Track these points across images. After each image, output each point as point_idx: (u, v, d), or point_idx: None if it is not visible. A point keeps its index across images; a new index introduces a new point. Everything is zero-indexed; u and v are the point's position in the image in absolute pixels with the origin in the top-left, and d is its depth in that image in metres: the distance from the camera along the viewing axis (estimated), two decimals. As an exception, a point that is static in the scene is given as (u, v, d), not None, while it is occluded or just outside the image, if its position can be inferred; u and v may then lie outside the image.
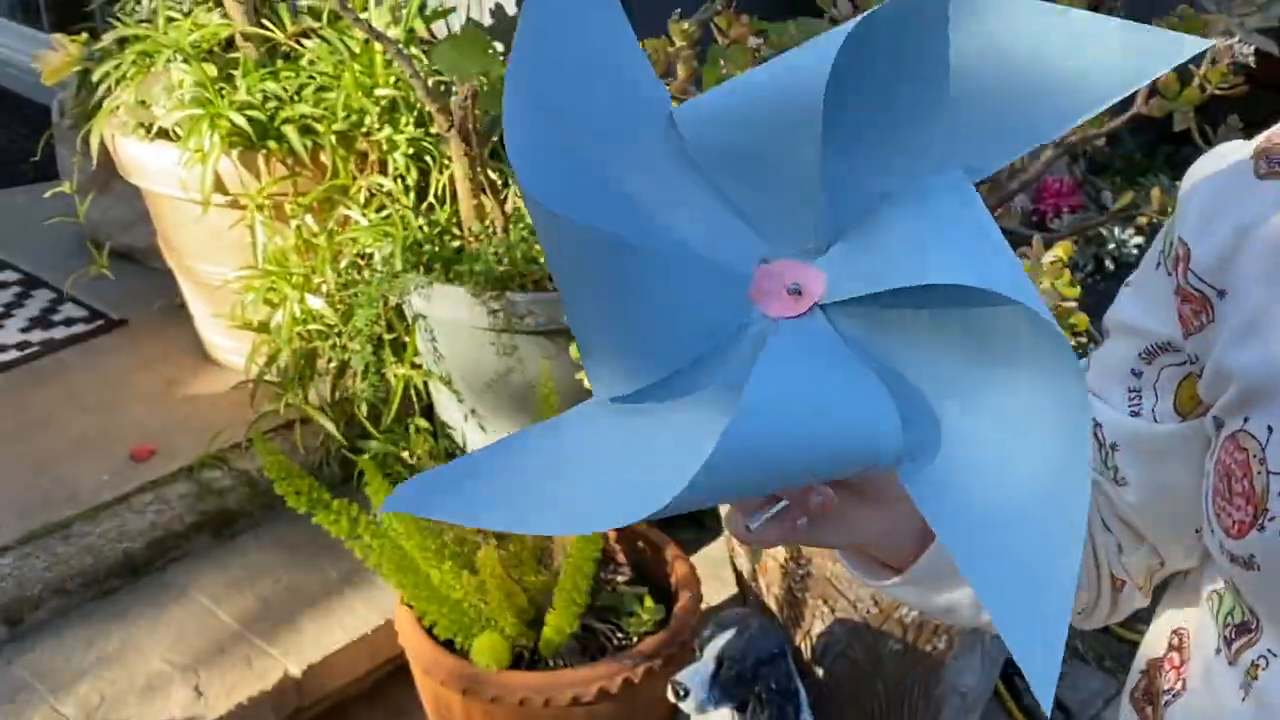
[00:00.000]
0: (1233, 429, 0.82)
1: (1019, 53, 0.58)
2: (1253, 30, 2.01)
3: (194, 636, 2.28)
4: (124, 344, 3.03)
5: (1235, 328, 0.81)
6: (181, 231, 2.76)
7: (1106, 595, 0.99)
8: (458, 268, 2.40)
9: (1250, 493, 0.79)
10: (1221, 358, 0.82)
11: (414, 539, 2.00)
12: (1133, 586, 0.99)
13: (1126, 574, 0.97)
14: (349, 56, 2.60)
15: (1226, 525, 0.82)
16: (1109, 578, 0.98)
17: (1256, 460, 0.79)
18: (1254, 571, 0.80)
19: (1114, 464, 0.93)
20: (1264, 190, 0.81)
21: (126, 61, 2.68)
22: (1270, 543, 0.78)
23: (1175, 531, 0.93)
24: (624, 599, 2.14)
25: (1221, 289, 0.82)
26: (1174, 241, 0.86)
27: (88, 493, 2.51)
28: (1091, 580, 0.97)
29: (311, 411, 2.56)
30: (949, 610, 0.92)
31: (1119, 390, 0.92)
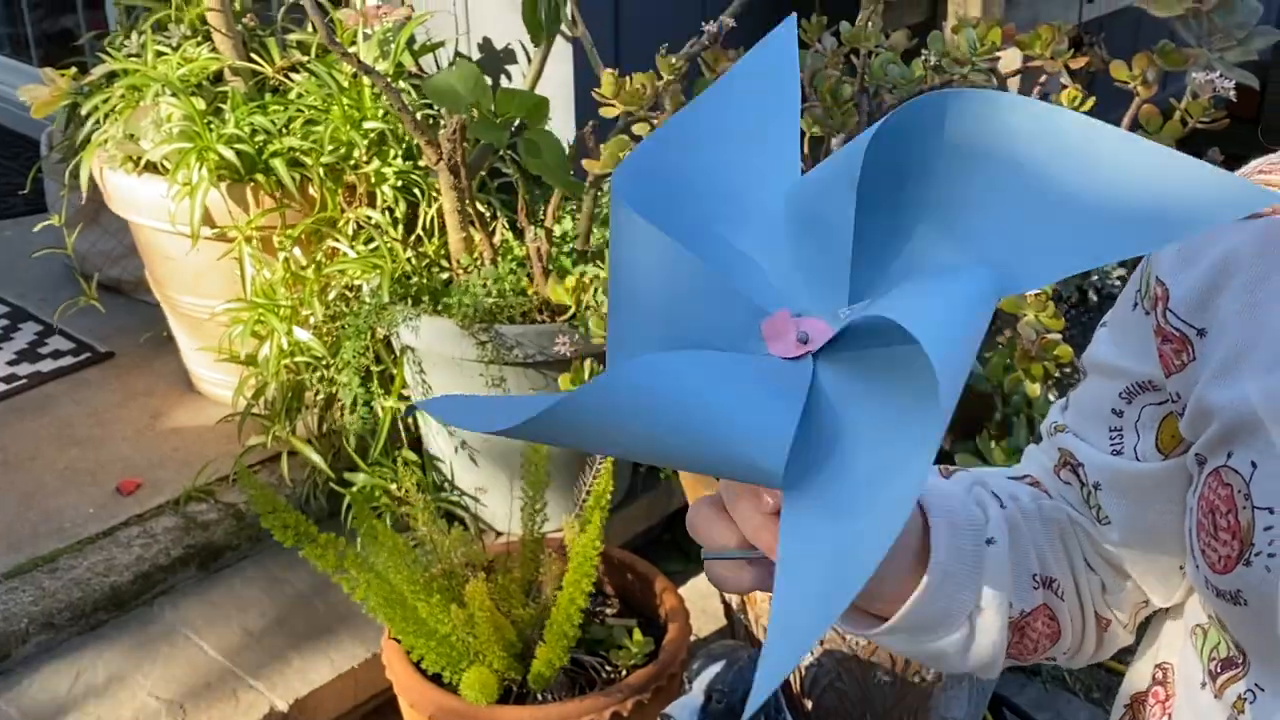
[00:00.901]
0: (1215, 465, 0.82)
1: (1096, 174, 0.58)
2: (1233, 65, 2.03)
3: (180, 671, 2.27)
4: (111, 377, 3.03)
5: (1216, 365, 0.82)
6: (169, 264, 2.76)
7: (1092, 634, 0.99)
8: (446, 300, 2.41)
9: (1236, 528, 0.79)
10: (1203, 395, 0.82)
11: (401, 573, 2.00)
12: (1118, 624, 0.99)
13: (1111, 613, 0.98)
14: (337, 90, 2.61)
15: (1212, 560, 0.82)
16: (1094, 617, 0.98)
17: (1241, 495, 0.79)
18: (1241, 606, 0.80)
19: (1096, 503, 0.93)
20: (1239, 228, 0.82)
21: (115, 95, 2.69)
22: (1257, 578, 0.78)
23: (1159, 569, 0.94)
24: (613, 632, 2.14)
25: (1201, 328, 0.83)
26: (1151, 281, 0.86)
27: (74, 526, 2.50)
28: (1077, 621, 0.97)
29: (299, 444, 2.56)
30: (937, 657, 0.92)
31: (1100, 430, 0.92)
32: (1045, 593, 0.94)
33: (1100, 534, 0.94)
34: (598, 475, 2.14)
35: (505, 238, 2.56)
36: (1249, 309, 0.80)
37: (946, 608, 0.88)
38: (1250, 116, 3.97)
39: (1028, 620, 0.93)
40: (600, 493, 2.12)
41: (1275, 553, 0.77)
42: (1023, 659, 0.97)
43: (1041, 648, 0.96)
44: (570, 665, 2.06)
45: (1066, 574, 0.96)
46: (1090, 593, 0.97)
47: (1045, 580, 0.94)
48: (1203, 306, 0.83)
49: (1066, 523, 0.96)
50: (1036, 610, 0.94)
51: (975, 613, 0.90)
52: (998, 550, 0.90)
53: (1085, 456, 0.93)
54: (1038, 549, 0.94)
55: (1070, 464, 0.95)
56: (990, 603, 0.90)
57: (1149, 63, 1.88)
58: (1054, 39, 1.91)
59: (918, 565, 0.85)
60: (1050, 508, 0.96)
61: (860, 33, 1.97)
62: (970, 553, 0.88)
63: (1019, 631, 0.93)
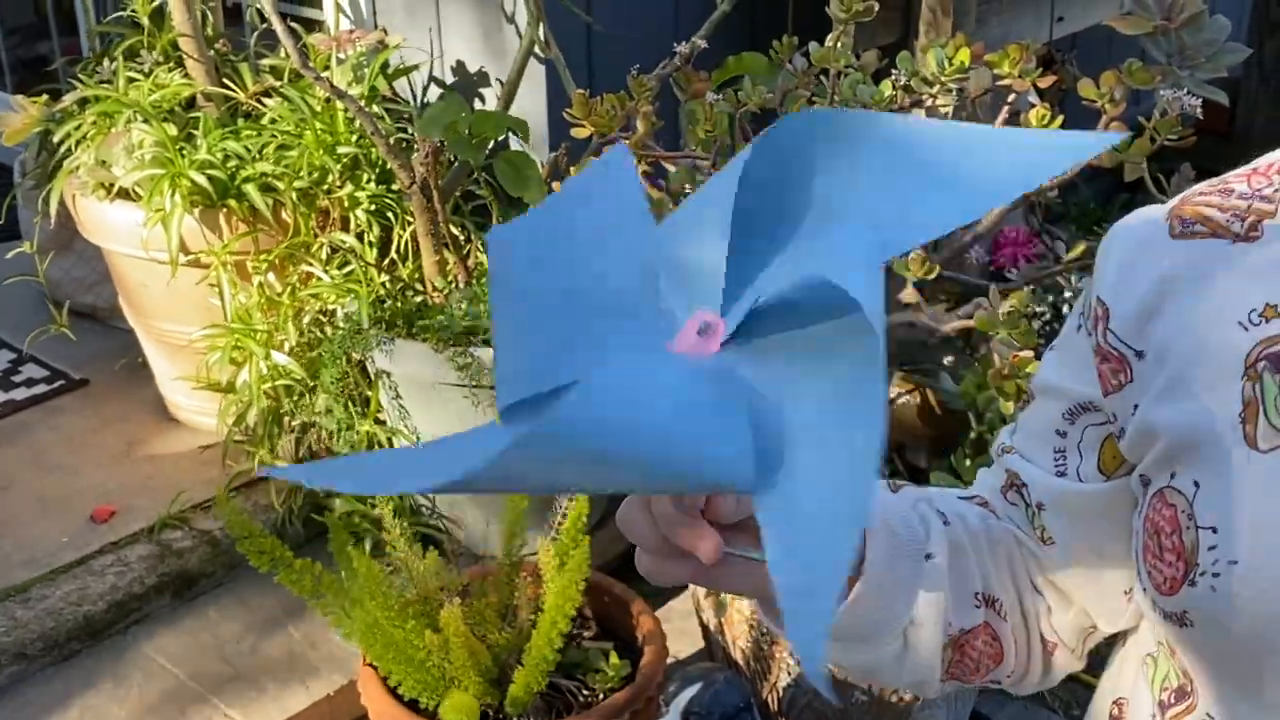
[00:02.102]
0: (1159, 486, 0.82)
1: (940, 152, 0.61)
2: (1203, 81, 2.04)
3: (155, 700, 2.25)
4: (85, 404, 3.01)
5: (1158, 386, 0.82)
6: (143, 291, 2.75)
7: (1038, 658, 0.98)
8: (421, 323, 2.40)
9: (1180, 548, 0.80)
10: (1146, 415, 0.83)
11: (378, 598, 1.99)
12: (1064, 649, 0.98)
13: (1057, 636, 0.97)
14: (310, 115, 2.61)
15: (1158, 582, 0.82)
16: (1039, 640, 0.97)
17: (1185, 515, 0.79)
18: (1188, 628, 0.80)
19: (1040, 524, 0.93)
20: (1178, 250, 0.83)
21: (87, 122, 2.68)
22: (1202, 598, 0.78)
23: (1103, 592, 0.93)
24: (589, 655, 2.12)
25: (1140, 349, 0.83)
26: (1093, 302, 0.87)
27: (47, 555, 2.48)
28: (1022, 643, 0.96)
29: (281, 465, 2.54)
30: (871, 670, 0.92)
31: (1045, 451, 0.92)
32: (988, 612, 0.94)
33: (1045, 555, 0.94)
34: (574, 499, 2.13)
35: (479, 260, 2.55)
36: (1189, 331, 0.81)
37: (879, 618, 0.87)
38: (1223, 132, 3.99)
39: (968, 639, 0.93)
40: (576, 515, 2.11)
41: (1220, 572, 0.77)
42: (965, 679, 0.97)
43: (984, 668, 0.96)
44: (547, 689, 2.05)
45: (1011, 595, 0.95)
46: (1036, 615, 0.96)
47: (988, 599, 0.94)
48: (1141, 327, 0.83)
49: (1013, 544, 0.96)
50: (977, 629, 0.93)
51: (910, 627, 0.89)
52: (936, 566, 0.89)
53: (1030, 477, 0.93)
54: (981, 568, 0.94)
55: (1016, 485, 0.95)
56: (926, 617, 0.89)
57: (1116, 80, 1.89)
58: (1022, 58, 1.92)
59: (852, 574, 0.84)
60: (998, 528, 0.96)
61: (830, 53, 1.98)
62: (908, 565, 0.88)
63: (959, 650, 0.93)
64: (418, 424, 2.48)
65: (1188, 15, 2.01)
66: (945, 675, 0.94)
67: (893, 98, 1.98)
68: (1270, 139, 0.89)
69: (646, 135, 2.06)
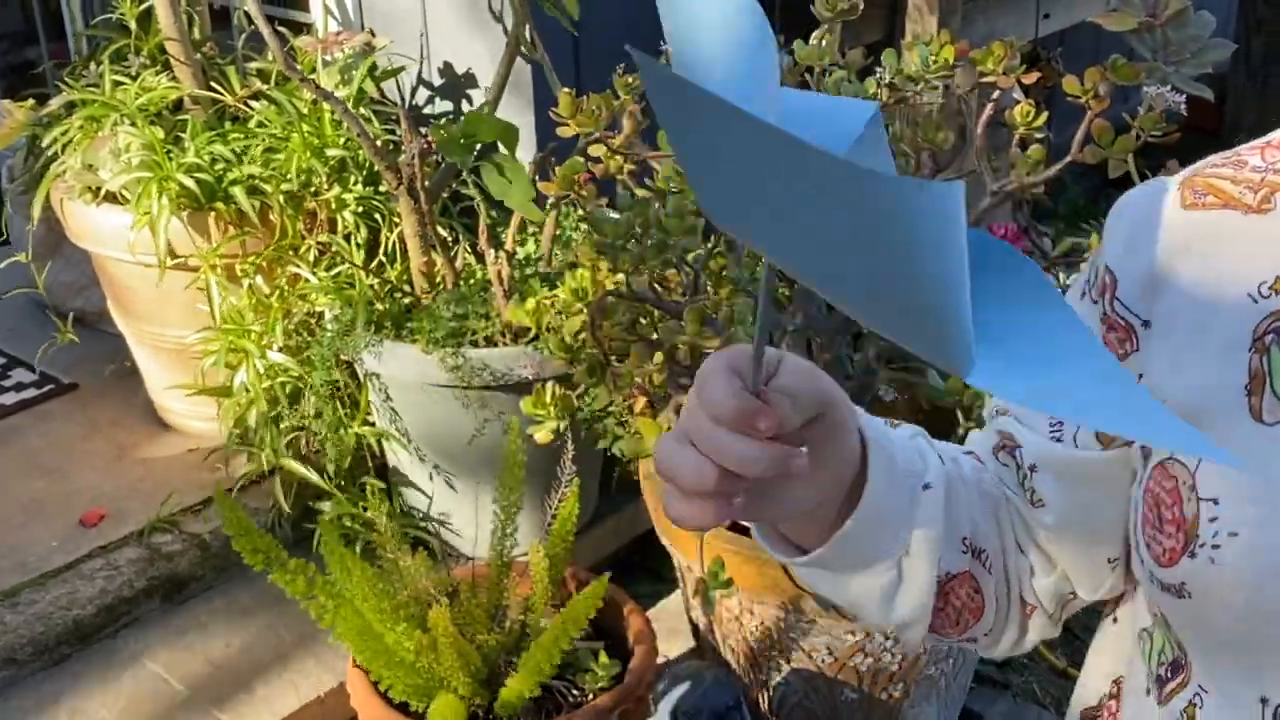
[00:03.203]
0: (1160, 458, 0.83)
1: None
2: (1188, 77, 2.04)
3: (145, 703, 2.25)
4: (75, 408, 3.01)
5: (1164, 356, 0.82)
6: (131, 294, 2.75)
7: (1016, 619, 0.98)
8: (409, 325, 2.40)
9: (1181, 520, 0.80)
10: (1150, 385, 0.83)
11: (370, 600, 1.98)
12: (1043, 614, 0.98)
13: (1037, 599, 0.97)
14: (298, 117, 2.61)
15: (1157, 554, 0.82)
16: (1019, 601, 0.98)
17: (1186, 487, 0.80)
18: (1184, 600, 0.80)
19: (1031, 485, 0.93)
20: (1189, 220, 0.83)
21: (74, 126, 2.68)
22: (1200, 569, 0.79)
23: (1089, 559, 0.94)
24: (579, 655, 2.12)
25: (1146, 319, 0.83)
26: (1100, 270, 0.87)
27: (37, 559, 2.48)
28: (1003, 600, 0.97)
29: (291, 464, 2.53)
30: (859, 602, 0.92)
31: (1041, 416, 0.92)
32: (973, 561, 0.94)
33: (1033, 517, 0.94)
34: (564, 499, 2.13)
35: (468, 261, 2.55)
36: (1196, 301, 0.81)
37: (875, 543, 0.87)
38: (1211, 129, 4.00)
39: (952, 586, 0.93)
40: (566, 515, 2.11)
41: (1220, 544, 0.78)
42: (944, 633, 0.97)
43: (964, 623, 0.96)
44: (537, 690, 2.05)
45: (997, 549, 0.95)
46: (1018, 574, 0.97)
47: (975, 549, 0.94)
48: (1149, 296, 0.83)
49: (1002, 500, 0.96)
50: (962, 576, 0.93)
51: (905, 558, 0.89)
52: (933, 497, 0.89)
53: (1024, 439, 0.93)
54: (971, 516, 0.93)
55: (1009, 446, 0.95)
56: (920, 549, 0.89)
57: (1101, 77, 1.89)
58: (1007, 55, 1.92)
59: (850, 500, 0.84)
60: (989, 482, 0.96)
61: (815, 51, 1.98)
62: (905, 492, 0.88)
63: (943, 597, 0.93)
64: (408, 425, 2.48)
65: (1172, 11, 2.01)
66: (928, 625, 0.95)
67: (876, 95, 1.98)
68: (1258, 135, 0.89)
69: (633, 134, 2.05)
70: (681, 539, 2.06)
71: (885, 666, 2.04)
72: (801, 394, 0.73)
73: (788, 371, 0.74)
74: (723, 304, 1.93)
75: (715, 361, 0.71)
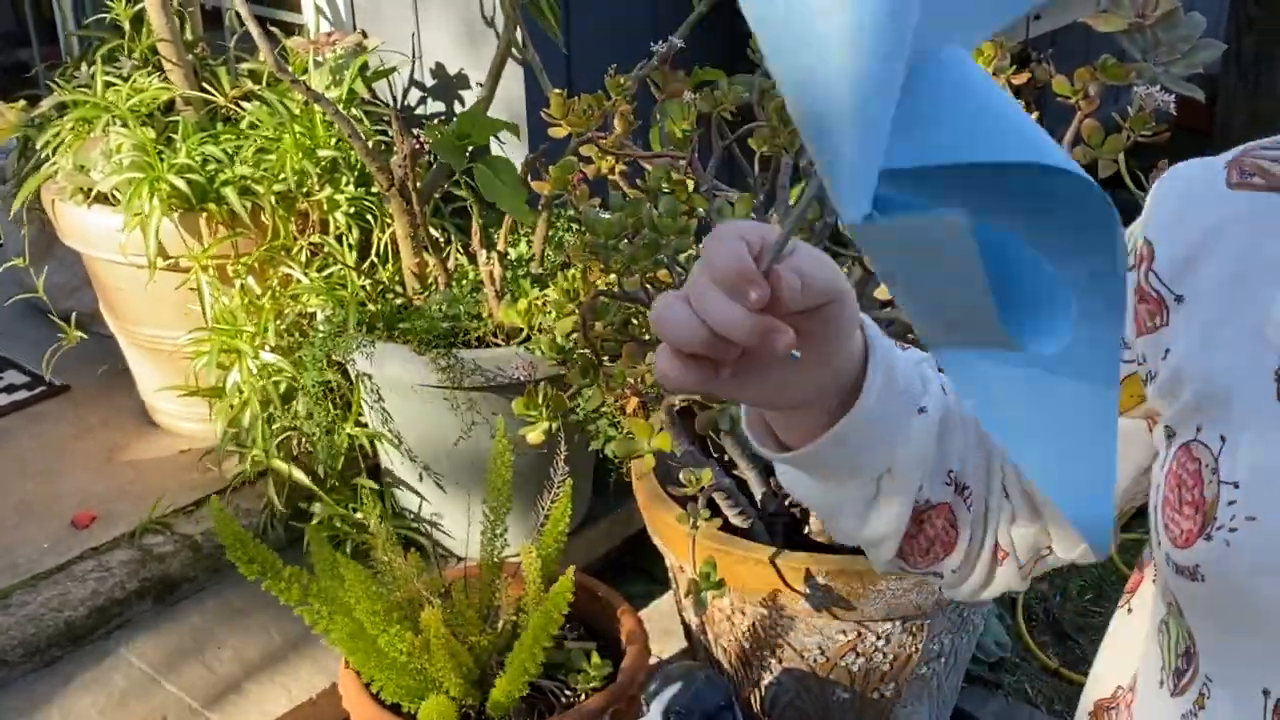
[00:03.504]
0: (1185, 439, 0.82)
1: None
2: (1178, 77, 2.05)
3: (136, 705, 2.25)
4: (67, 410, 3.00)
5: (1194, 334, 0.82)
6: (123, 296, 2.75)
7: (985, 562, 0.98)
8: (401, 325, 2.40)
9: (1200, 502, 0.80)
10: (1178, 362, 0.83)
11: (362, 602, 1.98)
12: (1013, 563, 0.98)
13: (1013, 546, 0.97)
14: (289, 118, 2.61)
15: (1174, 535, 0.82)
16: (993, 544, 0.97)
17: (1208, 470, 0.80)
18: (1198, 583, 0.80)
19: None
20: (1233, 199, 0.83)
21: (65, 127, 2.68)
22: (1216, 552, 0.78)
23: None
24: (571, 655, 2.12)
25: (1179, 294, 0.83)
26: (1139, 241, 0.86)
27: (28, 561, 2.48)
28: (976, 541, 0.96)
29: (285, 466, 2.53)
30: (834, 511, 0.91)
31: None
32: (955, 496, 0.93)
33: None
34: (556, 499, 2.13)
35: (460, 261, 2.55)
36: (1233, 281, 0.81)
37: (861, 452, 0.87)
38: (1203, 129, 4.00)
39: (929, 515, 0.92)
40: (558, 516, 2.11)
41: (1236, 527, 0.77)
42: (910, 561, 0.96)
43: (934, 555, 0.95)
44: (529, 691, 2.05)
45: (981, 489, 0.95)
46: (997, 517, 0.96)
47: (959, 484, 0.93)
48: (1185, 272, 0.83)
49: (996, 444, 0.95)
50: (941, 507, 0.93)
51: (886, 475, 0.89)
52: (927, 421, 0.89)
53: None
54: (961, 452, 0.93)
55: None
56: (904, 469, 0.88)
57: (1091, 77, 1.90)
58: (996, 55, 1.92)
59: (844, 408, 0.83)
60: None
61: (806, 52, 1.98)
62: (900, 410, 0.87)
63: (918, 524, 0.92)
64: (400, 426, 2.48)
65: (1163, 12, 2.02)
66: (897, 551, 0.94)
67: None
68: (1250, 135, 0.90)
69: (624, 135, 2.06)
70: (674, 540, 2.06)
71: (877, 666, 2.05)
72: (814, 279, 0.72)
73: (803, 255, 0.73)
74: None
75: (727, 227, 0.71)
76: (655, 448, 1.92)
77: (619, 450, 1.97)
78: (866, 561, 1.99)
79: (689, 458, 2.00)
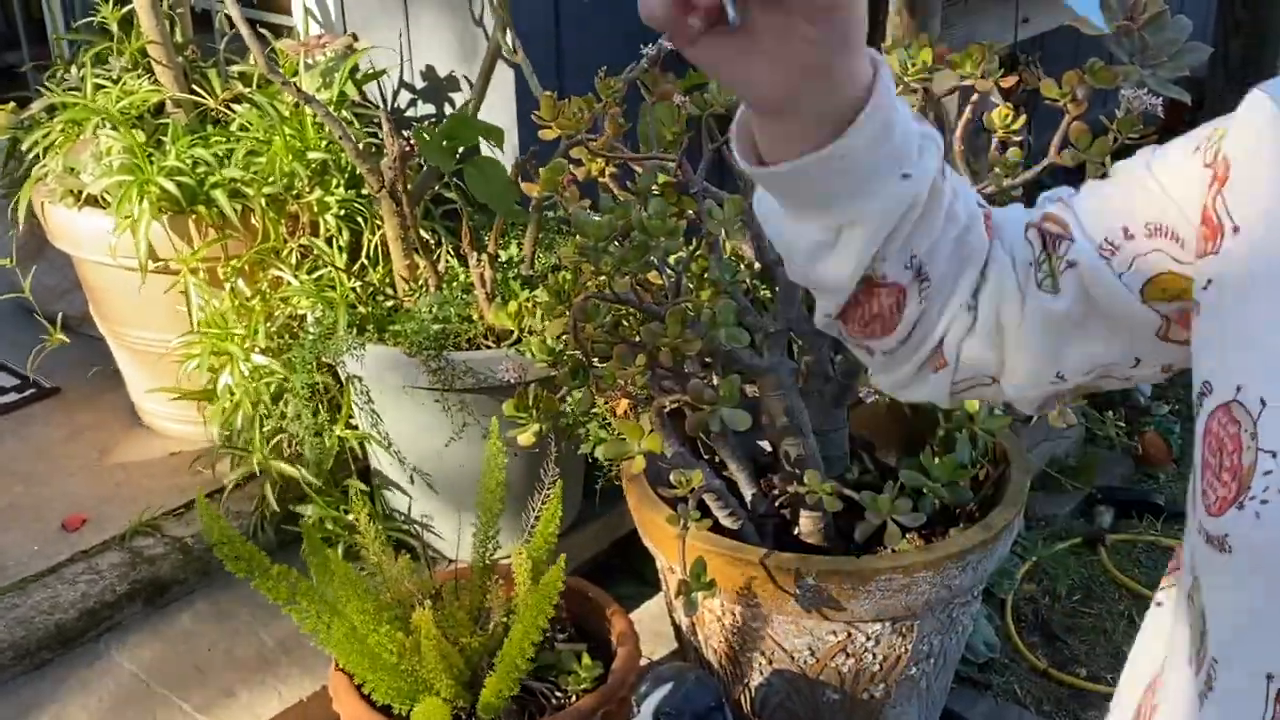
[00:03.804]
0: (1224, 399, 0.80)
1: None
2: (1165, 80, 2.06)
3: (127, 707, 2.24)
4: (57, 412, 3.00)
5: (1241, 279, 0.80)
6: (113, 298, 2.75)
7: (920, 360, 0.96)
8: (392, 328, 2.40)
9: (1238, 468, 0.78)
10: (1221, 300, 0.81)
11: (352, 603, 1.99)
12: (948, 375, 0.97)
13: (955, 359, 0.96)
14: (279, 120, 2.61)
15: (1209, 501, 0.79)
16: (934, 347, 0.95)
17: (1248, 435, 0.77)
18: (1224, 555, 0.78)
19: (1052, 271, 0.91)
20: None
21: (55, 129, 2.68)
22: (1245, 523, 0.76)
23: (1043, 361, 0.93)
24: (561, 657, 2.13)
25: (1237, 225, 0.81)
26: (1221, 151, 0.84)
27: (17, 564, 2.47)
28: (917, 335, 0.95)
29: (282, 466, 2.53)
30: (789, 249, 0.90)
31: (1100, 233, 0.90)
32: (912, 280, 0.91)
33: (1031, 298, 0.92)
34: (547, 501, 2.13)
35: (450, 264, 2.56)
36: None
37: (831, 186, 0.84)
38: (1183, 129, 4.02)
39: (879, 291, 0.91)
40: (548, 517, 2.11)
41: (1268, 500, 0.75)
42: (846, 326, 0.95)
43: (872, 329, 0.94)
44: (520, 691, 2.05)
45: (944, 286, 0.93)
46: (950, 323, 0.94)
47: (920, 271, 0.91)
48: (1249, 205, 0.81)
49: (978, 254, 0.93)
50: (893, 287, 0.91)
51: (847, 227, 0.87)
52: (907, 188, 0.86)
53: (1078, 235, 0.90)
54: (935, 239, 0.90)
55: (1053, 234, 0.92)
56: (866, 228, 0.86)
57: (1078, 80, 1.90)
58: (985, 58, 1.93)
59: (827, 138, 0.82)
60: (978, 234, 0.93)
61: (795, 55, 1.98)
62: (883, 165, 0.84)
63: (866, 294, 0.91)
64: (389, 428, 2.48)
65: (1150, 15, 2.03)
66: (838, 311, 0.93)
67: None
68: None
69: (614, 137, 2.06)
70: (664, 541, 2.07)
71: (867, 667, 2.05)
72: None
73: None
74: (704, 306, 1.94)
75: None
76: (645, 449, 1.92)
77: (609, 452, 1.97)
78: (857, 563, 2.00)
79: (679, 459, 2.01)
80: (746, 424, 1.92)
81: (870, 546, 2.07)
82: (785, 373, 2.06)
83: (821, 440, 2.12)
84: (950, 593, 2.01)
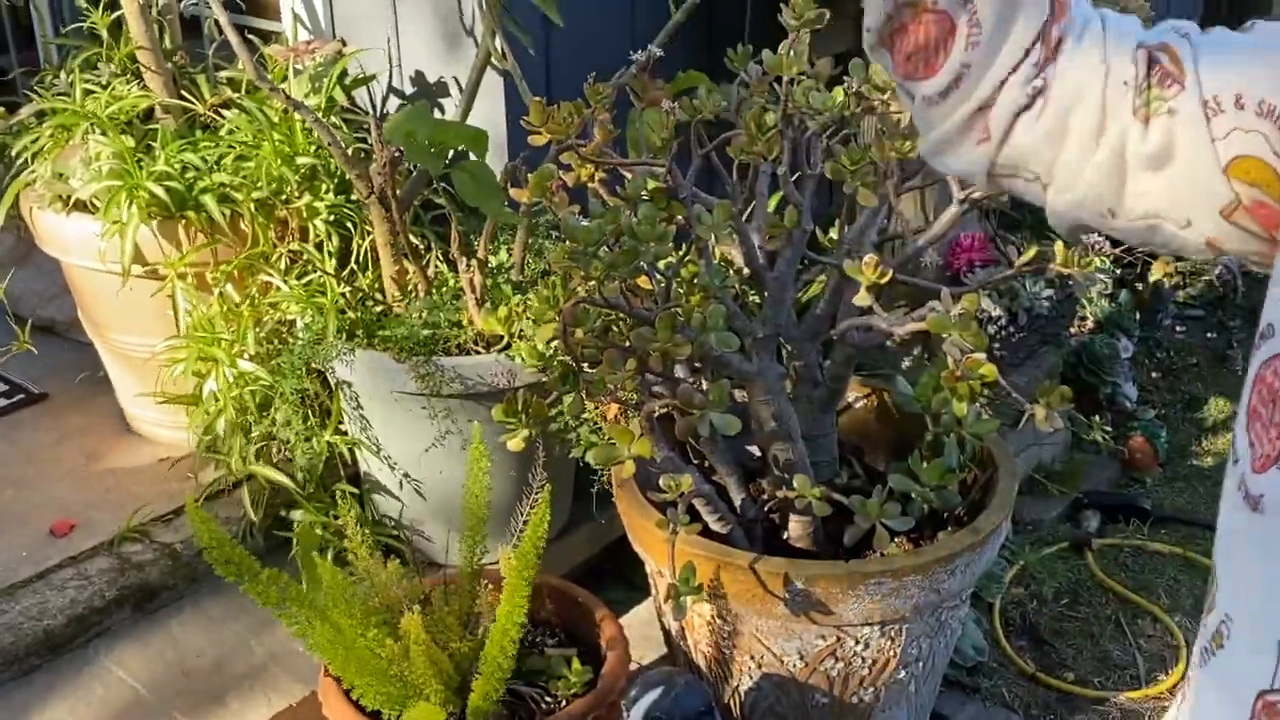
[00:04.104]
0: (1276, 349, 0.77)
1: None
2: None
3: (116, 714, 2.24)
4: (45, 417, 3.00)
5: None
6: (101, 303, 2.74)
7: (959, 123, 0.92)
8: (381, 333, 2.40)
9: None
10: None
11: (341, 608, 1.99)
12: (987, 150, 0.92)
13: (1002, 136, 0.90)
14: (268, 126, 2.61)
15: (1255, 455, 0.77)
16: (976, 109, 0.90)
17: None
18: (1258, 515, 0.76)
19: (1153, 114, 0.85)
20: None
21: (44, 135, 2.67)
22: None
23: (1096, 191, 0.88)
24: (551, 662, 2.13)
25: None
26: None
27: (6, 570, 2.47)
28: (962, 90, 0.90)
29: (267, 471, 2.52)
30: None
31: (1212, 89, 0.84)
32: (960, 8, 0.88)
33: (1109, 113, 0.87)
34: (535, 505, 2.13)
35: (439, 269, 2.56)
36: None
37: None
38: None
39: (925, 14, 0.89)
40: (537, 522, 2.12)
41: None
42: (894, 60, 0.92)
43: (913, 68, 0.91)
44: (509, 697, 2.05)
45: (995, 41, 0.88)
46: (1000, 89, 0.89)
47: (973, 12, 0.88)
48: None
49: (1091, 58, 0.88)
50: (941, 14, 0.88)
51: None
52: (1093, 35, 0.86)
53: (1189, 84, 0.84)
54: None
55: (1164, 68, 0.86)
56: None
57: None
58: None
59: None
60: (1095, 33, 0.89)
61: (783, 60, 1.99)
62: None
63: (913, 16, 0.89)
64: (379, 434, 2.48)
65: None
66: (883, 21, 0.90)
67: (845, 104, 2.00)
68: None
69: (604, 143, 2.07)
70: (653, 546, 2.07)
71: (855, 671, 2.06)
72: None
73: None
74: (694, 311, 1.94)
75: None
76: (635, 454, 1.92)
77: (599, 457, 1.97)
78: (846, 567, 2.01)
79: (669, 464, 2.01)
80: (736, 429, 1.93)
81: (859, 551, 2.08)
82: (774, 378, 2.06)
83: (810, 445, 2.13)
84: (939, 596, 2.02)
